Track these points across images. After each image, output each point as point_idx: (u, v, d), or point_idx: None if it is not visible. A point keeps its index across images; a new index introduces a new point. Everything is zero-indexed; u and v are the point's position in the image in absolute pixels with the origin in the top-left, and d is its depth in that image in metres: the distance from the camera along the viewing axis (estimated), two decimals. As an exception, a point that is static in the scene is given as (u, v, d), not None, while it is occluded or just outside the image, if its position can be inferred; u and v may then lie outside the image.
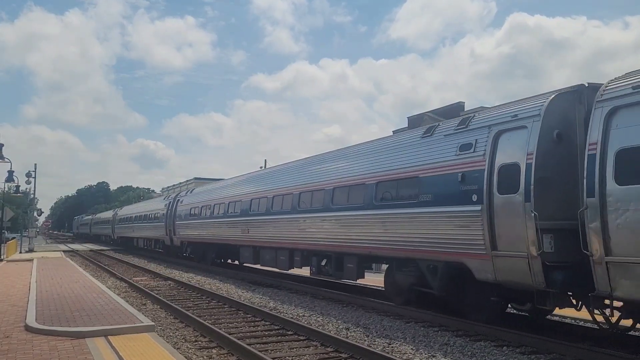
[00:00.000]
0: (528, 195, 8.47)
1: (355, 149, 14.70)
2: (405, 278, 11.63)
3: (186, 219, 27.71)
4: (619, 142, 7.31)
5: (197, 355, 8.09)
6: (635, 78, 7.49)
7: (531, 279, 8.38)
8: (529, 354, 8.05)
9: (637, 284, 6.87)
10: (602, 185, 7.38)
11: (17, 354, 7.24)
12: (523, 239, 8.48)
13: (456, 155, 10.09)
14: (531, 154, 8.61)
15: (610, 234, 7.22)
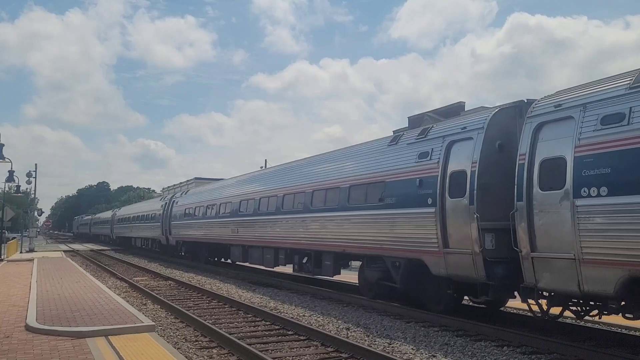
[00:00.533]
0: (472, 199, 9.61)
1: (332, 154, 15.94)
2: (374, 274, 12.75)
3: (181, 219, 28.84)
4: (543, 153, 8.44)
5: (197, 355, 8.10)
6: (558, 97, 8.68)
7: (475, 273, 9.56)
8: (530, 354, 8.09)
9: (555, 276, 8.09)
10: (529, 190, 8.51)
11: (18, 353, 7.28)
12: (468, 237, 9.63)
13: (416, 163, 11.28)
14: (475, 162, 9.76)
15: (535, 233, 8.37)
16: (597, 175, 7.50)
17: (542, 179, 8.36)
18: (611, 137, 7.45)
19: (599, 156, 7.52)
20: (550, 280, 8.21)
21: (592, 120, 7.82)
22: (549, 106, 8.69)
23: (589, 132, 7.78)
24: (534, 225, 8.40)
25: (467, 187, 9.74)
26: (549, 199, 8.19)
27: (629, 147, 7.18)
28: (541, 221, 8.30)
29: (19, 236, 49.00)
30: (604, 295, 7.58)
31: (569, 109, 8.26)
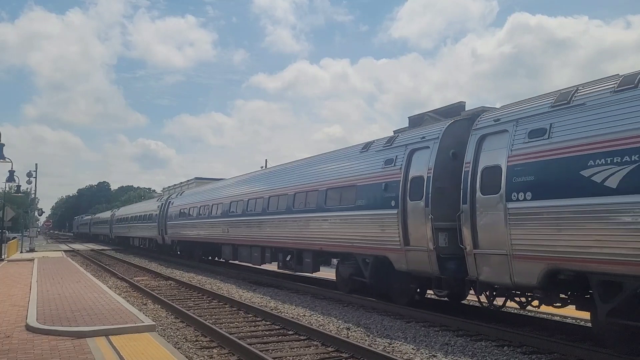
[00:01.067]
0: (427, 202, 10.78)
1: (313, 159, 17.08)
2: (347, 270, 13.91)
3: (176, 220, 30.05)
4: (484, 162, 9.56)
5: (197, 355, 8.14)
6: (498, 113, 9.86)
7: (430, 268, 10.76)
8: (530, 354, 8.13)
9: (492, 270, 9.25)
10: (473, 194, 9.62)
11: (18, 353, 7.31)
12: (424, 236, 10.79)
13: (382, 168, 12.42)
14: (431, 168, 10.91)
15: (477, 232, 9.51)
16: (523, 182, 8.66)
17: (483, 184, 9.47)
18: (535, 149, 8.60)
19: (526, 165, 8.68)
20: (488, 274, 9.39)
21: (521, 133, 8.97)
22: (489, 120, 9.84)
23: (519, 144, 8.94)
24: (476, 225, 9.53)
25: (424, 191, 10.90)
26: (488, 202, 9.32)
27: (548, 158, 8.34)
28: (482, 222, 9.44)
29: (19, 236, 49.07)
30: (530, 286, 8.79)
31: (504, 123, 9.42)
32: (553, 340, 8.42)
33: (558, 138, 8.27)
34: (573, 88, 8.72)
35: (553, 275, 8.31)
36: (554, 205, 8.07)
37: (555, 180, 8.14)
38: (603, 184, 7.41)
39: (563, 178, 8.01)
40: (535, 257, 8.40)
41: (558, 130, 8.33)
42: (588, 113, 8.01)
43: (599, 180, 7.47)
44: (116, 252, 41.10)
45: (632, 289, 7.23)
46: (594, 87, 8.33)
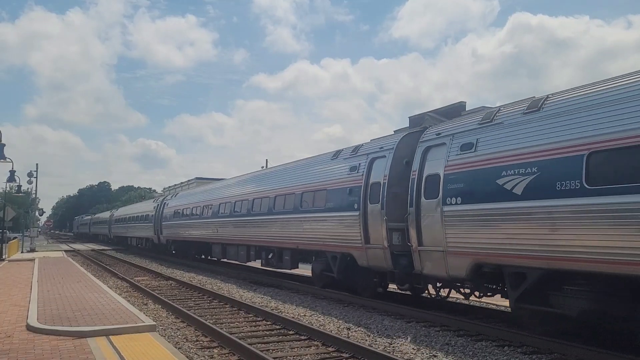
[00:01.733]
0: (383, 205, 12.22)
1: (291, 165, 18.67)
2: (319, 266, 15.32)
3: (171, 220, 31.56)
4: (427, 170, 11.01)
5: (198, 355, 8.16)
6: (439, 127, 11.36)
7: (385, 264, 12.22)
8: (530, 354, 8.16)
9: (433, 264, 10.70)
10: (418, 199, 11.06)
11: (19, 353, 7.34)
12: (381, 235, 12.26)
13: (348, 174, 13.85)
14: (386, 175, 12.37)
15: (422, 231, 10.93)
16: (456, 189, 10.06)
17: (426, 190, 10.89)
18: (465, 161, 10.02)
19: (458, 174, 10.10)
20: (430, 268, 10.85)
21: (456, 146, 10.38)
22: (433, 134, 11.33)
23: (453, 155, 10.36)
24: (421, 226, 10.96)
25: (381, 195, 12.35)
26: (429, 206, 10.75)
27: (474, 168, 9.76)
28: (425, 223, 10.86)
29: (20, 236, 49.07)
30: (461, 278, 10.27)
31: (443, 137, 10.88)
32: (553, 340, 8.44)
33: (481, 151, 9.71)
34: (496, 108, 10.22)
35: (479, 269, 9.72)
36: (476, 208, 9.53)
37: (479, 187, 9.57)
38: (512, 191, 8.85)
39: (484, 185, 9.43)
40: (464, 253, 9.85)
41: (482, 145, 9.77)
42: (504, 130, 9.46)
43: (509, 187, 8.91)
44: (116, 252, 41.30)
45: (533, 279, 8.68)
46: (512, 107, 9.78)
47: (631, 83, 7.72)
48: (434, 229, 10.54)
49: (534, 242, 8.39)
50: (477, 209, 9.46)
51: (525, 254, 8.58)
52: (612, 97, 7.75)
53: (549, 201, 8.14)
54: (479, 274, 9.79)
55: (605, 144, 7.53)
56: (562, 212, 7.94)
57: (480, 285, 10.37)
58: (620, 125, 7.38)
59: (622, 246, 7.16)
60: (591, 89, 8.35)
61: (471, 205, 9.62)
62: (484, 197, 9.35)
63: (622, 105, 7.51)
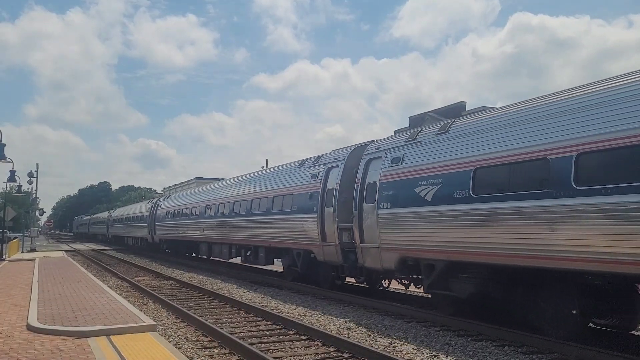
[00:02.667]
0: (335, 208, 14.34)
1: (266, 171, 21.41)
2: (287, 262, 17.48)
3: (163, 221, 33.79)
4: (368, 179, 13.02)
5: (198, 354, 8.18)
6: (379, 143, 13.49)
7: (337, 258, 14.35)
8: (531, 354, 8.18)
9: (371, 259, 12.75)
10: (361, 203, 13.11)
11: (19, 353, 7.35)
12: (333, 234, 14.36)
13: (309, 181, 15.92)
14: (338, 183, 14.50)
15: (363, 231, 12.99)
16: (387, 195, 12.09)
17: (366, 195, 12.92)
18: (394, 172, 12.06)
19: (388, 183, 12.16)
20: (369, 262, 12.90)
21: (389, 160, 12.41)
22: (373, 148, 13.42)
23: (386, 167, 12.39)
24: (362, 226, 13.02)
25: (334, 200, 14.44)
26: (369, 209, 12.78)
27: (400, 178, 11.81)
28: (365, 223, 12.91)
29: (20, 236, 49.11)
30: (392, 270, 12.30)
31: (381, 151, 12.91)
32: (553, 340, 8.49)
33: (406, 165, 11.74)
34: (419, 129, 12.25)
35: (404, 262, 11.77)
36: (401, 212, 11.59)
37: (403, 194, 11.59)
38: (425, 197, 10.86)
39: (407, 193, 11.45)
40: (393, 248, 11.92)
41: (407, 159, 11.80)
42: (422, 148, 11.47)
43: (423, 195, 10.93)
44: (117, 252, 41.55)
45: (439, 269, 10.74)
46: (430, 128, 11.80)
47: (503, 113, 9.87)
48: (371, 228, 12.58)
49: (439, 239, 10.47)
50: (402, 212, 11.54)
51: (434, 249, 10.69)
52: (492, 125, 9.81)
53: (448, 206, 10.18)
54: (404, 266, 11.88)
55: (485, 162, 9.57)
56: (457, 215, 9.98)
57: (406, 275, 12.53)
58: (496, 148, 9.48)
59: (496, 241, 9.17)
60: (482, 116, 10.51)
61: (398, 209, 11.68)
62: (407, 202, 11.39)
63: (499, 132, 9.57)
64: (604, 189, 7.49)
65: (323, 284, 15.67)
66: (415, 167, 11.30)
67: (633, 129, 7.32)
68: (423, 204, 10.80)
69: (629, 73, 8.10)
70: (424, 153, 11.25)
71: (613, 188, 7.40)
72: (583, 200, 7.72)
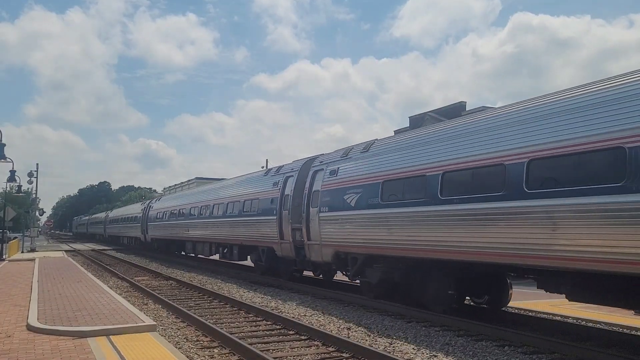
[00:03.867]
0: (289, 211, 17.01)
1: (240, 178, 23.90)
2: (255, 257, 20.47)
3: (154, 221, 36.49)
4: (313, 187, 15.69)
5: (198, 354, 8.19)
6: (323, 157, 16.26)
7: (291, 254, 17.02)
8: (531, 354, 8.21)
9: (315, 253, 15.35)
10: (308, 207, 15.78)
11: (19, 353, 7.36)
12: (288, 233, 17.03)
13: (271, 188, 18.70)
14: (292, 190, 17.14)
15: (309, 230, 15.61)
16: (326, 201, 14.78)
17: (312, 201, 15.60)
18: (331, 182, 14.76)
19: (327, 191, 14.86)
20: (314, 256, 15.57)
21: (328, 172, 15.13)
22: (318, 162, 16.20)
23: (326, 178, 15.09)
24: (309, 226, 15.66)
25: (289, 204, 17.14)
26: (313, 213, 15.43)
27: (335, 187, 14.51)
28: (311, 224, 15.55)
29: (20, 236, 49.13)
30: (329, 262, 14.98)
31: (323, 164, 15.68)
32: (553, 340, 8.53)
33: (339, 176, 14.44)
34: (350, 147, 14.99)
35: (338, 255, 14.50)
36: (335, 215, 14.29)
37: (337, 200, 14.26)
38: (350, 203, 13.56)
39: (339, 199, 14.14)
40: (330, 245, 14.62)
41: (340, 172, 14.50)
42: (351, 163, 14.20)
43: (349, 201, 13.63)
44: (116, 252, 41.58)
45: (360, 261, 13.48)
46: (358, 147, 14.41)
47: (409, 137, 12.46)
48: (315, 228, 15.26)
49: (360, 237, 13.23)
50: (336, 215, 14.27)
51: (356, 245, 13.47)
52: (397, 146, 12.49)
53: (365, 211, 12.90)
54: (338, 259, 14.55)
55: (390, 176, 12.25)
56: (371, 217, 12.71)
57: (341, 267, 15.03)
58: (397, 165, 12.09)
59: (397, 238, 11.83)
60: (393, 139, 13.30)
61: (333, 212, 14.38)
62: (339, 207, 14.10)
63: (402, 152, 12.17)
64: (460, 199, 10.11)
65: (283, 275, 18.43)
66: (345, 178, 14.07)
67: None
68: (349, 208, 13.55)
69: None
70: (351, 167, 14.02)
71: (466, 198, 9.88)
72: (445, 207, 10.30)
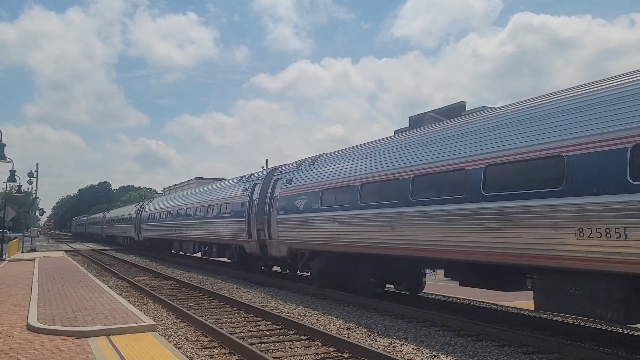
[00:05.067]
0: (255, 214, 19.81)
1: (219, 184, 27.38)
2: (229, 254, 23.38)
3: (146, 222, 39.27)
4: (274, 194, 18.39)
5: (198, 354, 8.20)
6: (282, 168, 19.29)
7: (257, 251, 19.85)
8: (531, 354, 8.22)
9: (275, 250, 18.04)
10: (269, 210, 18.51)
11: (19, 353, 7.37)
12: (255, 233, 19.87)
13: (242, 193, 21.59)
14: (258, 195, 20.00)
15: (270, 230, 18.34)
16: (282, 205, 17.51)
17: (272, 205, 18.35)
18: (287, 189, 17.47)
19: (283, 197, 17.58)
20: (274, 252, 18.35)
21: (285, 180, 17.90)
22: (278, 172, 19.12)
23: (283, 186, 17.84)
24: (270, 227, 18.40)
25: (255, 208, 19.99)
26: (273, 215, 18.16)
27: (289, 194, 17.20)
28: (271, 225, 18.31)
29: (20, 236, 49.14)
30: (285, 257, 17.69)
31: (282, 174, 18.54)
32: (553, 340, 8.55)
33: (293, 184, 17.19)
34: (303, 160, 17.81)
35: (292, 251, 17.21)
36: (289, 217, 17.02)
37: (289, 205, 17.02)
38: (299, 207, 16.27)
39: (291, 204, 16.91)
40: (285, 242, 17.38)
41: (294, 181, 17.27)
42: (302, 174, 16.99)
43: (298, 206, 16.30)
44: (117, 252, 41.69)
45: (306, 255, 16.26)
46: (309, 160, 17.20)
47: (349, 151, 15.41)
48: (274, 229, 18.01)
49: (306, 235, 15.97)
50: (289, 217, 17.01)
51: (303, 242, 16.21)
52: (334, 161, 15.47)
53: (309, 214, 15.65)
54: (292, 255, 17.29)
55: (327, 185, 15.01)
56: (313, 219, 15.49)
57: (294, 261, 17.62)
58: (332, 176, 14.88)
59: (332, 236, 14.50)
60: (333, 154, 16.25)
61: (287, 215, 17.15)
62: (291, 210, 16.82)
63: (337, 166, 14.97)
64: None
65: (253, 270, 21.29)
66: (297, 186, 16.84)
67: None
68: (299, 212, 16.30)
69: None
70: (302, 177, 16.83)
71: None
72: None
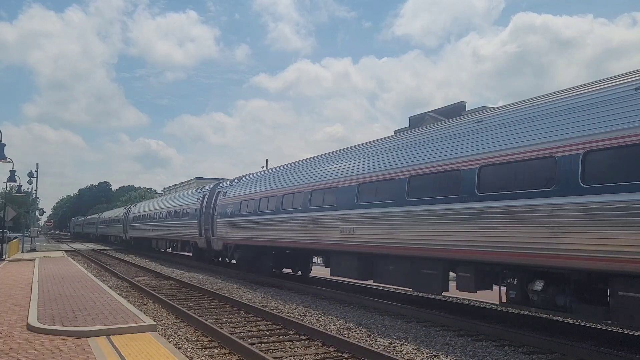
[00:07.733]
0: (204, 217, 25.97)
1: (180, 193, 34.79)
2: (188, 249, 29.99)
3: (131, 223, 45.59)
4: (216, 202, 24.64)
5: (198, 354, 8.27)
6: (224, 183, 26.39)
7: (205, 246, 26.08)
8: (531, 354, 8.29)
9: (215, 244, 24.48)
10: (213, 215, 24.82)
11: (19, 353, 7.45)
12: (202, 232, 26.04)
13: (196, 201, 27.76)
14: (205, 203, 26.20)
15: (213, 230, 24.69)
16: (220, 211, 23.59)
17: (214, 211, 24.43)
18: (223, 199, 23.69)
19: (221, 205, 23.72)
20: (215, 247, 24.62)
21: (223, 193, 24.15)
22: (220, 186, 25.43)
23: (221, 197, 24.04)
24: (213, 227, 24.54)
25: (203, 213, 26.08)
26: (214, 218, 24.23)
27: (224, 203, 23.42)
28: (214, 226, 24.38)
29: (20, 236, 49.19)
30: (221, 250, 23.99)
31: (222, 187, 24.87)
32: (553, 340, 8.61)
33: (227, 196, 23.22)
34: (237, 177, 24.03)
35: (226, 246, 23.11)
36: (223, 220, 23.05)
37: (224, 211, 23.07)
38: (228, 213, 22.31)
39: (225, 210, 23.00)
40: (220, 239, 23.43)
41: (227, 194, 23.38)
42: (233, 188, 23.05)
43: (228, 212, 22.37)
44: (117, 252, 41.87)
45: (232, 248, 22.49)
46: (238, 178, 23.54)
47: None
48: (215, 228, 24.03)
49: (232, 233, 21.92)
50: (223, 220, 22.96)
51: (231, 239, 22.20)
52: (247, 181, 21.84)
53: (234, 218, 21.50)
54: (225, 248, 23.23)
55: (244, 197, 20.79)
56: (236, 222, 21.31)
57: (226, 253, 23.58)
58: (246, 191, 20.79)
59: (251, 235, 20.33)
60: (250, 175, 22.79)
61: (222, 219, 23.13)
62: (225, 215, 22.77)
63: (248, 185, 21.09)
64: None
65: (208, 261, 27.34)
66: (229, 198, 22.90)
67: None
68: (228, 216, 22.35)
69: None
70: (232, 191, 22.87)
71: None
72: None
